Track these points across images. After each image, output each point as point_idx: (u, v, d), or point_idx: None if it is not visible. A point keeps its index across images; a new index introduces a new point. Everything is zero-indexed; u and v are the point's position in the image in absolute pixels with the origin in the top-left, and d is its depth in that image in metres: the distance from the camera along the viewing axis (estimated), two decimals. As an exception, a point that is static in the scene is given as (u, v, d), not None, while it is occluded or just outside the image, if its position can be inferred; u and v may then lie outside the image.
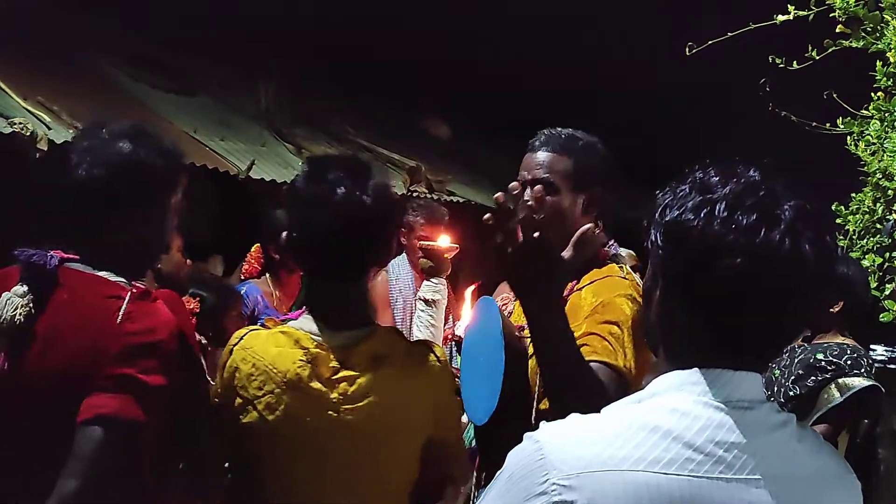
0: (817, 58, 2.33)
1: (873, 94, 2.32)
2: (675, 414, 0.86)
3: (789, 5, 2.33)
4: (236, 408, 1.43)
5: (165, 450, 1.46)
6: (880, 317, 2.18)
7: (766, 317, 0.87)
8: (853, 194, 2.41)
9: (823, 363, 2.45)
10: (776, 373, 2.60)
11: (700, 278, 0.87)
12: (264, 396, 1.41)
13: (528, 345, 1.52)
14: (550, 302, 1.30)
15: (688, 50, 2.45)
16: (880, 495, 2.51)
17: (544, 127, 1.74)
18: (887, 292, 2.19)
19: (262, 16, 5.99)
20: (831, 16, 2.30)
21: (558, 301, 1.33)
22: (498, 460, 0.92)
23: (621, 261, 1.69)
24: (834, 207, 2.36)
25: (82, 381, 1.34)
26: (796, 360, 2.53)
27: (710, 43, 2.45)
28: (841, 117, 2.41)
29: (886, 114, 2.28)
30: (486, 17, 6.92)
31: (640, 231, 0.94)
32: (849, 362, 2.43)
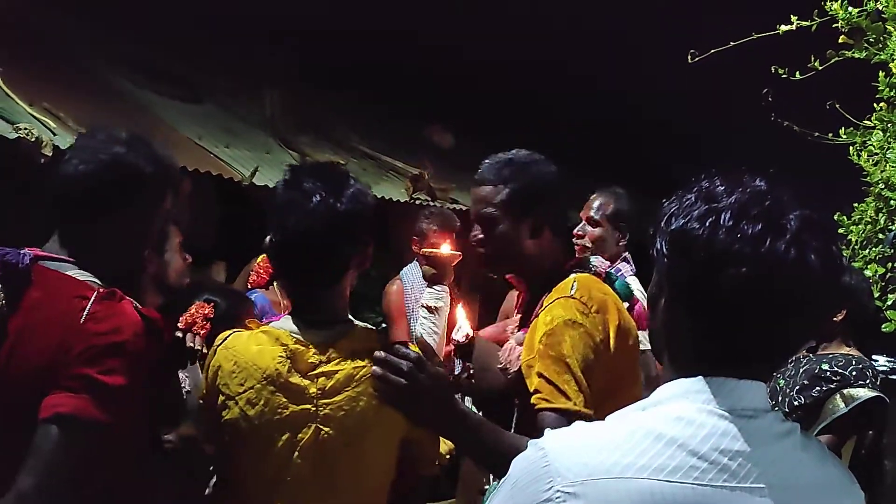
0: (820, 68, 2.33)
1: (876, 105, 2.33)
2: (680, 422, 0.86)
3: (792, 16, 2.34)
4: (218, 406, 1.48)
5: (142, 449, 1.47)
6: (882, 327, 2.18)
7: (771, 326, 0.87)
8: (855, 204, 2.42)
9: (828, 373, 2.44)
10: (780, 382, 2.60)
11: (705, 287, 0.87)
12: (245, 392, 1.45)
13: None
14: (455, 420, 1.37)
15: (690, 58, 2.45)
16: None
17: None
18: (889, 302, 2.19)
19: (269, 24, 6.02)
20: (834, 27, 2.30)
21: (457, 414, 1.38)
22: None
23: (589, 269, 1.74)
24: (836, 218, 2.37)
25: (48, 380, 1.35)
26: (801, 371, 2.52)
27: (712, 52, 2.46)
28: (843, 128, 2.42)
29: (889, 124, 2.29)
30: (492, 22, 6.92)
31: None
32: (854, 373, 2.42)
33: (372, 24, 6.48)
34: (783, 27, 2.34)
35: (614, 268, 2.77)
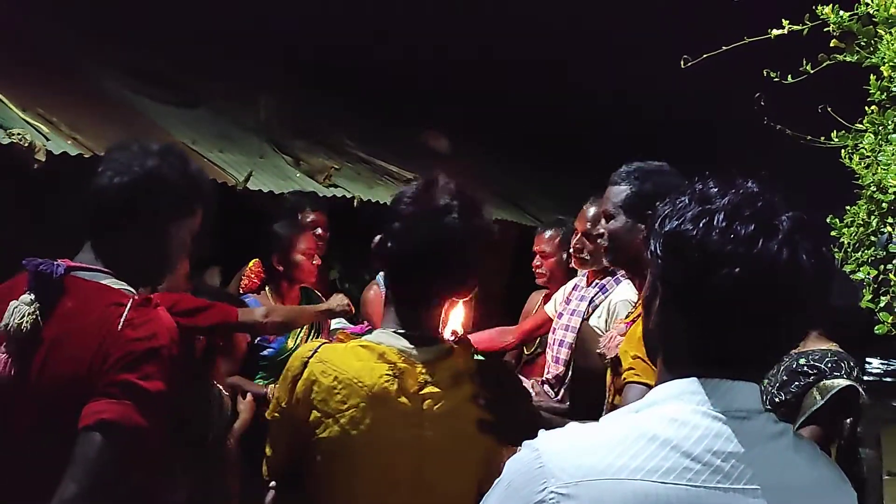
0: (812, 72, 2.34)
1: (867, 108, 2.34)
2: (674, 423, 0.86)
3: (784, 20, 2.35)
4: (311, 422, 1.40)
5: (168, 453, 1.48)
6: (875, 329, 2.19)
7: (764, 326, 0.88)
8: (847, 207, 2.43)
9: (805, 368, 2.47)
10: (764, 382, 2.61)
11: (698, 288, 0.87)
12: (348, 410, 1.38)
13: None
14: None
15: (683, 63, 2.46)
16: (868, 494, 2.52)
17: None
18: (882, 305, 2.20)
19: (263, 28, 6.02)
20: (825, 30, 2.32)
21: None
22: None
23: None
24: (829, 220, 2.38)
25: (85, 388, 1.36)
26: (782, 368, 2.55)
27: (704, 56, 2.47)
28: (835, 131, 2.43)
29: (880, 127, 2.30)
30: (486, 26, 6.94)
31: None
32: (829, 365, 2.45)
33: (367, 28, 6.49)
34: (775, 31, 2.35)
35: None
